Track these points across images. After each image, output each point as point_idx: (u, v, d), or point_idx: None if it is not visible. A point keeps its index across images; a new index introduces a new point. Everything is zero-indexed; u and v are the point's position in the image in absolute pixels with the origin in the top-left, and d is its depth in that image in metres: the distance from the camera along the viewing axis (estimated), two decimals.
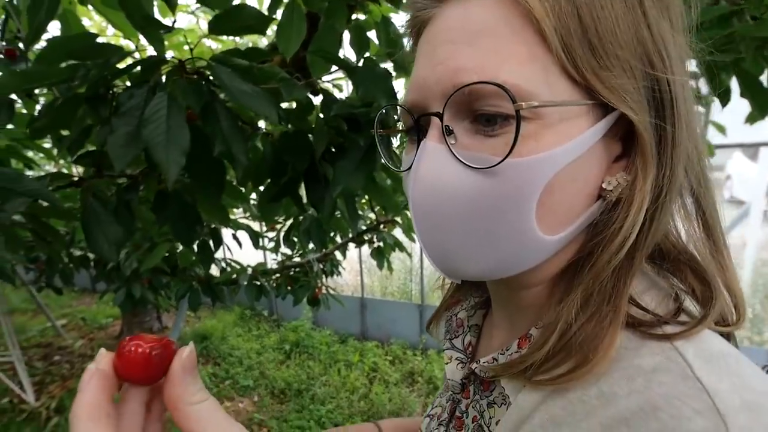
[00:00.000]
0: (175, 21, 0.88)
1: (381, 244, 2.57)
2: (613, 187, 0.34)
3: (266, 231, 2.86)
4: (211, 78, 0.80)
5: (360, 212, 2.55)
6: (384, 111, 0.41)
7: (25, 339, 5.04)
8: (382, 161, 0.92)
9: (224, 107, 0.78)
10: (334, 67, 1.02)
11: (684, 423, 0.26)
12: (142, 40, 0.88)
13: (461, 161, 0.32)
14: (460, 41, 0.32)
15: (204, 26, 0.84)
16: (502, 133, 0.31)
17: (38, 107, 1.08)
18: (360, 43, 1.05)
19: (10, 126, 0.93)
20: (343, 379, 4.01)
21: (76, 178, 0.98)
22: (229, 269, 2.77)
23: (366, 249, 2.78)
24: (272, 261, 3.04)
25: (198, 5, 1.56)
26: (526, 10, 0.30)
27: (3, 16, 0.88)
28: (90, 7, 0.99)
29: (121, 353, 0.29)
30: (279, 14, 0.95)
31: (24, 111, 1.12)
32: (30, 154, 1.42)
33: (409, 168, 0.36)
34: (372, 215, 2.66)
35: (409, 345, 4.57)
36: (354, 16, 1.08)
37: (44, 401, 3.73)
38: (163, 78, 0.80)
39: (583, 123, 0.32)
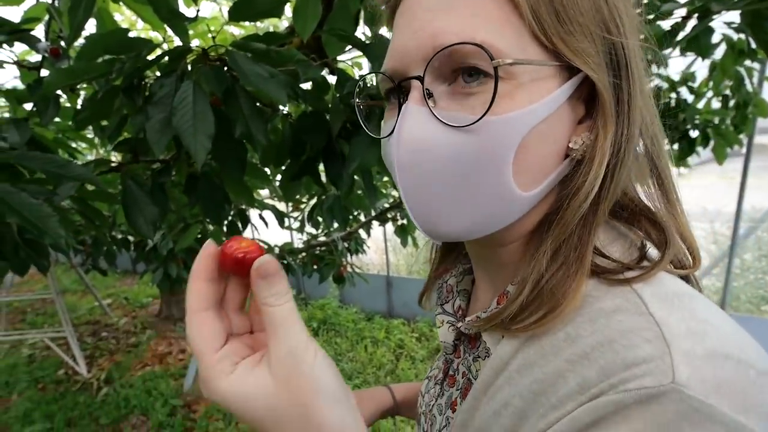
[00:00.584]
0: (198, 11, 0.94)
1: (404, 221, 2.62)
2: (579, 146, 0.37)
3: (291, 211, 2.94)
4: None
5: (383, 191, 2.61)
6: (364, 82, 0.44)
7: (76, 317, 5.37)
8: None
9: (245, 91, 0.84)
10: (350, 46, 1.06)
11: (633, 350, 0.29)
12: (169, 31, 0.94)
13: (442, 121, 0.35)
14: (438, 8, 0.34)
15: (227, 13, 0.90)
16: (479, 92, 0.34)
17: (80, 100, 1.17)
18: (373, 20, 1.08)
19: (56, 119, 1.02)
20: (370, 356, 4.09)
21: (115, 164, 1.07)
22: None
23: (390, 227, 2.83)
24: (298, 240, 3.14)
25: None
26: None
27: (46, 18, 0.96)
28: (121, 3, 1.06)
29: (222, 251, 0.35)
30: None
31: (68, 104, 1.22)
32: (74, 144, 1.52)
33: (390, 134, 0.38)
34: (395, 193, 2.70)
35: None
36: None
37: (95, 373, 4.01)
38: (189, 66, 0.87)
39: (551, 84, 0.35)
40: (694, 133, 2.13)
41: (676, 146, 2.20)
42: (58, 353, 4.15)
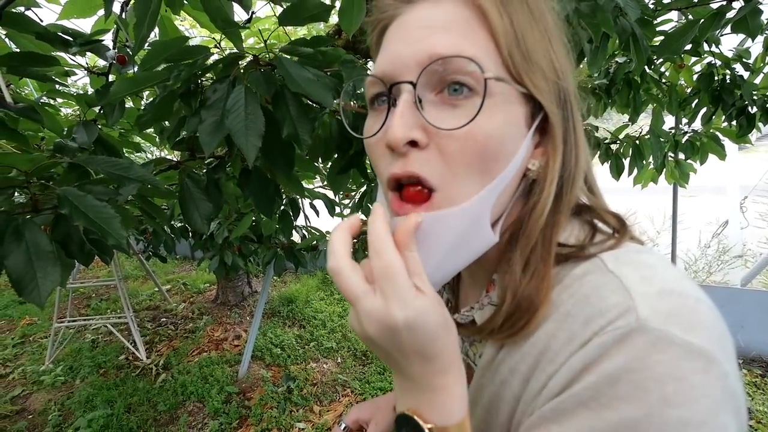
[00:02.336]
0: (253, 13, 1.03)
1: None
2: (535, 168, 0.45)
3: (342, 198, 3.05)
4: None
5: None
6: (352, 84, 0.51)
7: (137, 302, 5.82)
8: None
9: (292, 94, 0.92)
10: None
11: (604, 300, 0.38)
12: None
13: (430, 123, 0.40)
14: (435, 26, 0.41)
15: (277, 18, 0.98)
16: (465, 104, 0.40)
17: (143, 103, 1.31)
18: None
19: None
20: None
21: (174, 162, 1.19)
22: (309, 236, 3.03)
23: None
24: None
25: None
26: (485, 16, 0.41)
27: (114, 27, 1.09)
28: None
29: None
30: None
31: (131, 104, 1.37)
32: (137, 139, 1.69)
33: (376, 133, 0.44)
34: None
35: None
36: None
37: (153, 359, 4.33)
38: (242, 70, 0.96)
39: (518, 110, 0.42)
40: (752, 109, 2.17)
41: (734, 123, 2.23)
42: (119, 339, 4.47)
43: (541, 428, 0.38)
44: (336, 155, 1.22)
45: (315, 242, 2.99)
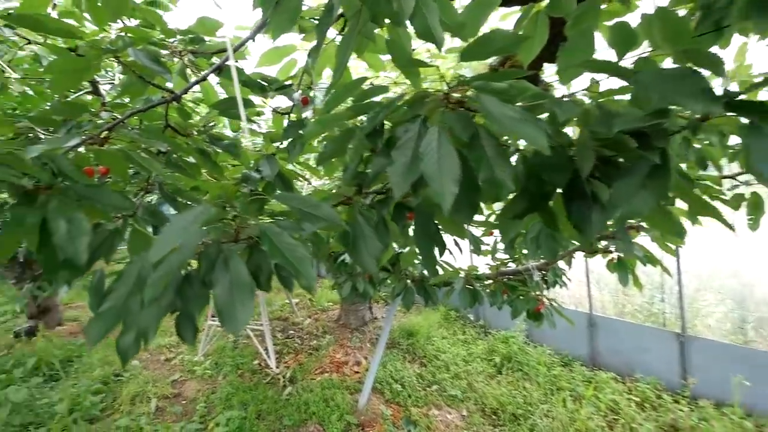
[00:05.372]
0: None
1: (620, 254, 2.31)
2: None
3: (482, 236, 2.93)
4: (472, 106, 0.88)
5: None
6: None
7: (270, 312, 6.30)
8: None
9: (488, 134, 0.84)
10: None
11: None
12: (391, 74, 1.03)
13: None
14: None
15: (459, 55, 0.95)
16: None
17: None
18: (625, 42, 0.99)
19: None
20: (571, 414, 3.66)
21: (345, 197, 1.21)
22: (443, 272, 2.95)
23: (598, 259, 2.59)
24: (483, 265, 3.09)
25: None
26: None
27: (294, 71, 1.18)
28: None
29: None
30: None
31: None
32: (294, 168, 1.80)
33: None
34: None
35: (665, 386, 3.88)
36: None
37: (281, 370, 4.60)
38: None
39: None
40: None
41: None
42: (255, 346, 4.90)
43: None
44: (514, 197, 1.12)
45: (449, 278, 2.89)
